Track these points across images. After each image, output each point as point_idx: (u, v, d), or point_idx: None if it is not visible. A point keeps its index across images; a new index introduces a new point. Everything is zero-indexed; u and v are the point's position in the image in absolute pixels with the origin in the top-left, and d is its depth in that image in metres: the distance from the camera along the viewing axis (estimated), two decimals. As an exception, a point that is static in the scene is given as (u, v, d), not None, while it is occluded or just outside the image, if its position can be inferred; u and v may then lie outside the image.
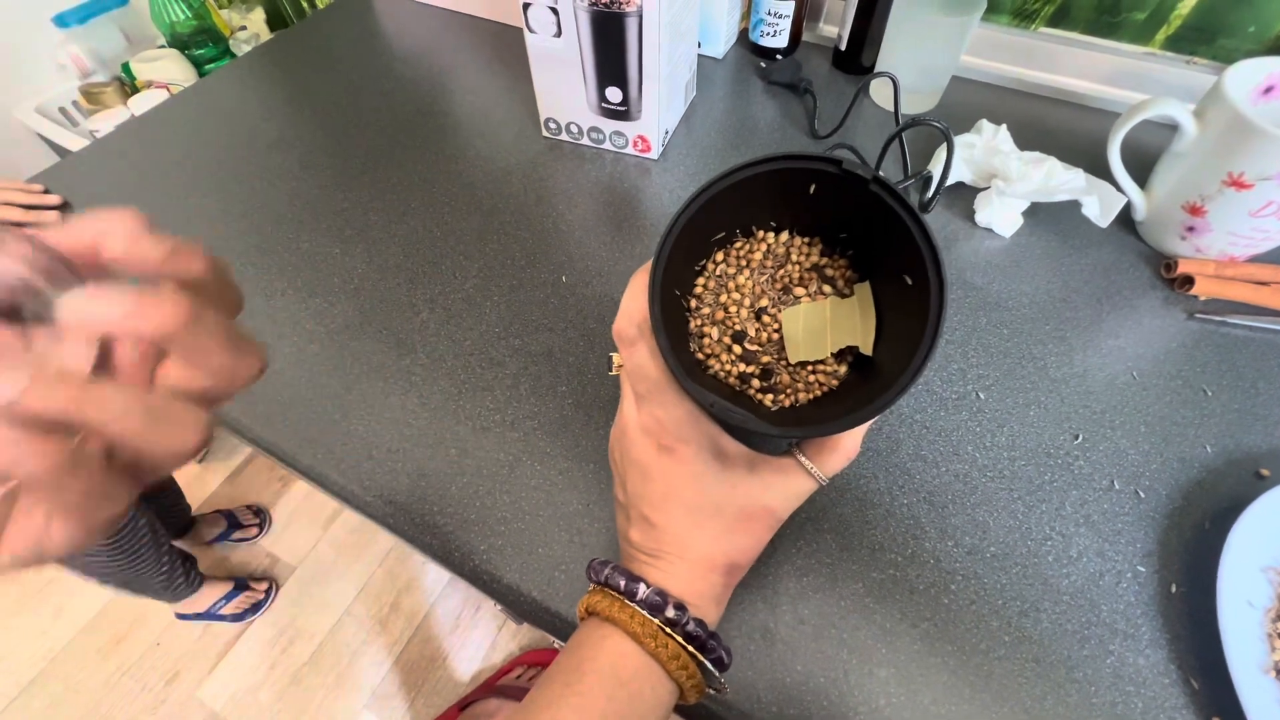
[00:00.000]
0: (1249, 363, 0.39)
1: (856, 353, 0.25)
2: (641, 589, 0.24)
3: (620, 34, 0.45)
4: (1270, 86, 0.41)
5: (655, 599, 0.24)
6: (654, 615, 0.23)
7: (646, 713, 0.23)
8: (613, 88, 0.49)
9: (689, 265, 0.27)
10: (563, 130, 0.55)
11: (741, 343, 0.26)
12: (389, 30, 0.71)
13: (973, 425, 0.37)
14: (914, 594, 0.31)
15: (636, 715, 0.23)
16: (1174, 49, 0.53)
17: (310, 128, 0.59)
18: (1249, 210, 0.39)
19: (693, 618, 0.24)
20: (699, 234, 0.25)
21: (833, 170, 0.22)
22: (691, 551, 0.25)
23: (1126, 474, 0.35)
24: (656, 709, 0.24)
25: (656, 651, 0.23)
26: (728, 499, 0.25)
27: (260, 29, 1.11)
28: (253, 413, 0.39)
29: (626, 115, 0.51)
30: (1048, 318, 0.42)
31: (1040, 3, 0.55)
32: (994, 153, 0.46)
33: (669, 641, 0.23)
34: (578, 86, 0.50)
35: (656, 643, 0.23)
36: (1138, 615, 0.30)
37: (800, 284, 0.27)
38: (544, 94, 0.53)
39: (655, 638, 0.23)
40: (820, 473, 0.25)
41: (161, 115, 0.61)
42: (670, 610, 0.23)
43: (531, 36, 0.48)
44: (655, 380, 0.24)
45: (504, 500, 0.35)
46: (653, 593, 0.24)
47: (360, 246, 0.48)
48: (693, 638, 0.23)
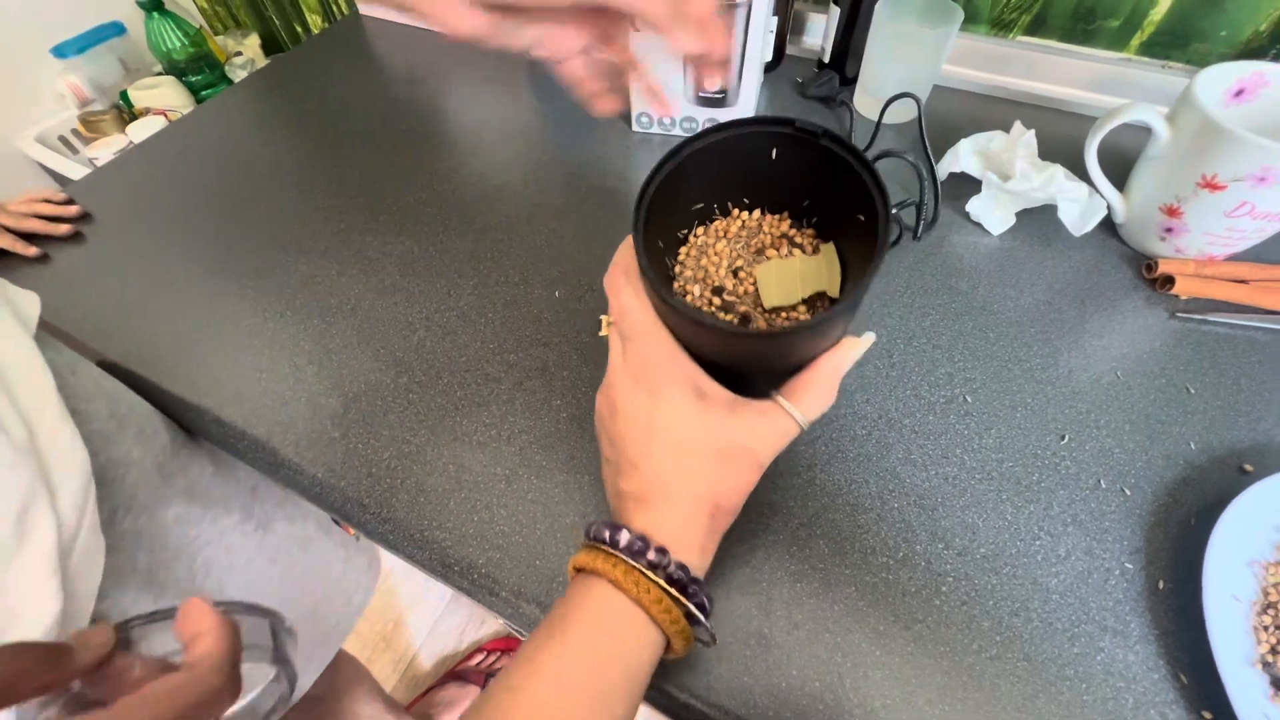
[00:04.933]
0: (1230, 360, 0.40)
1: (826, 300, 0.27)
2: (624, 535, 0.24)
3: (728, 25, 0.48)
4: (1241, 90, 0.42)
5: (637, 544, 0.24)
6: (636, 560, 0.24)
7: (631, 660, 0.23)
8: None
9: (672, 234, 0.29)
10: (655, 123, 0.58)
11: (720, 295, 0.28)
12: (381, 53, 0.72)
13: (961, 428, 0.38)
14: (906, 596, 0.32)
15: (620, 662, 0.23)
16: (1149, 54, 0.54)
17: (306, 151, 0.60)
18: (1224, 211, 0.39)
19: (675, 561, 0.24)
20: (680, 198, 0.28)
21: (788, 130, 0.25)
22: (675, 490, 0.25)
23: (1113, 473, 0.36)
24: (642, 656, 0.24)
25: (639, 597, 0.23)
26: (709, 439, 0.25)
27: (256, 54, 1.13)
28: (251, 434, 0.40)
29: (723, 103, 0.55)
30: (1033, 320, 0.43)
31: (1017, 12, 0.57)
32: (1009, 149, 0.47)
33: (651, 586, 0.23)
34: (673, 80, 0.54)
35: (639, 588, 0.23)
36: (1126, 612, 0.31)
37: (772, 247, 0.29)
38: (639, 91, 0.55)
39: (638, 583, 0.23)
40: (800, 414, 0.26)
41: (160, 142, 0.62)
42: (652, 554, 0.24)
43: (635, 34, 0.50)
44: (639, 320, 0.25)
45: (501, 514, 0.36)
46: (635, 538, 0.24)
47: (356, 268, 0.49)
48: (674, 581, 0.24)
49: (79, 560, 0.29)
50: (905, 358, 0.41)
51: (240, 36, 1.12)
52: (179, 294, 0.48)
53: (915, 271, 0.46)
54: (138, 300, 0.48)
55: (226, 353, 0.44)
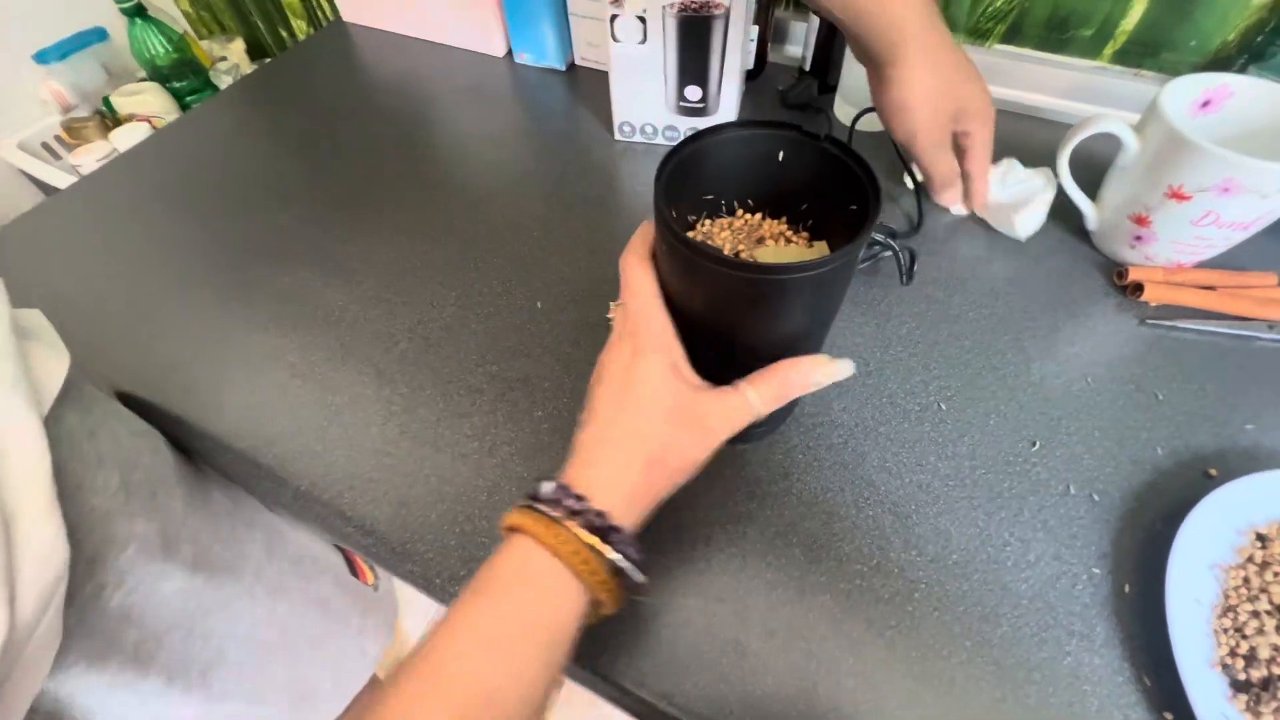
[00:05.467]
0: (1197, 365, 0.41)
1: None
2: (546, 487, 0.24)
3: (706, 35, 0.49)
4: (1208, 100, 0.43)
5: (557, 494, 0.24)
6: (553, 510, 0.24)
7: (551, 613, 0.23)
8: (693, 86, 0.53)
9: (683, 218, 0.32)
10: (636, 132, 0.59)
11: None
12: (367, 61, 0.72)
13: (935, 435, 0.38)
14: (880, 603, 0.33)
15: (540, 614, 0.23)
16: (1122, 63, 0.55)
17: (290, 161, 0.60)
18: (1190, 220, 0.40)
19: (594, 509, 0.24)
20: (693, 181, 0.30)
21: (793, 134, 0.29)
22: (616, 440, 0.26)
23: (1082, 478, 0.36)
24: (563, 609, 0.23)
25: (556, 547, 0.23)
26: (669, 401, 0.26)
27: (241, 60, 1.12)
28: (236, 448, 0.40)
29: (704, 111, 0.55)
30: (1006, 328, 0.44)
31: (993, 21, 0.58)
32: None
33: (568, 536, 0.23)
34: (654, 89, 0.54)
35: (556, 539, 0.23)
36: (1093, 616, 0.32)
37: (770, 239, 0.32)
38: (620, 100, 0.56)
39: (555, 534, 0.23)
40: (756, 398, 0.27)
41: (144, 151, 0.62)
42: (570, 500, 0.24)
43: (616, 46, 0.51)
44: (645, 294, 0.28)
45: (483, 525, 0.36)
46: (555, 488, 0.24)
47: (339, 279, 0.49)
48: (596, 531, 0.23)
49: (31, 655, 0.27)
50: (882, 365, 0.42)
51: (225, 42, 1.12)
52: (159, 307, 0.48)
53: (891, 279, 0.47)
54: (117, 314, 0.48)
55: (210, 367, 0.44)
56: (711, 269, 0.24)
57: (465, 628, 0.23)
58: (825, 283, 0.26)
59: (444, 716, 0.21)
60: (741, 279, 0.25)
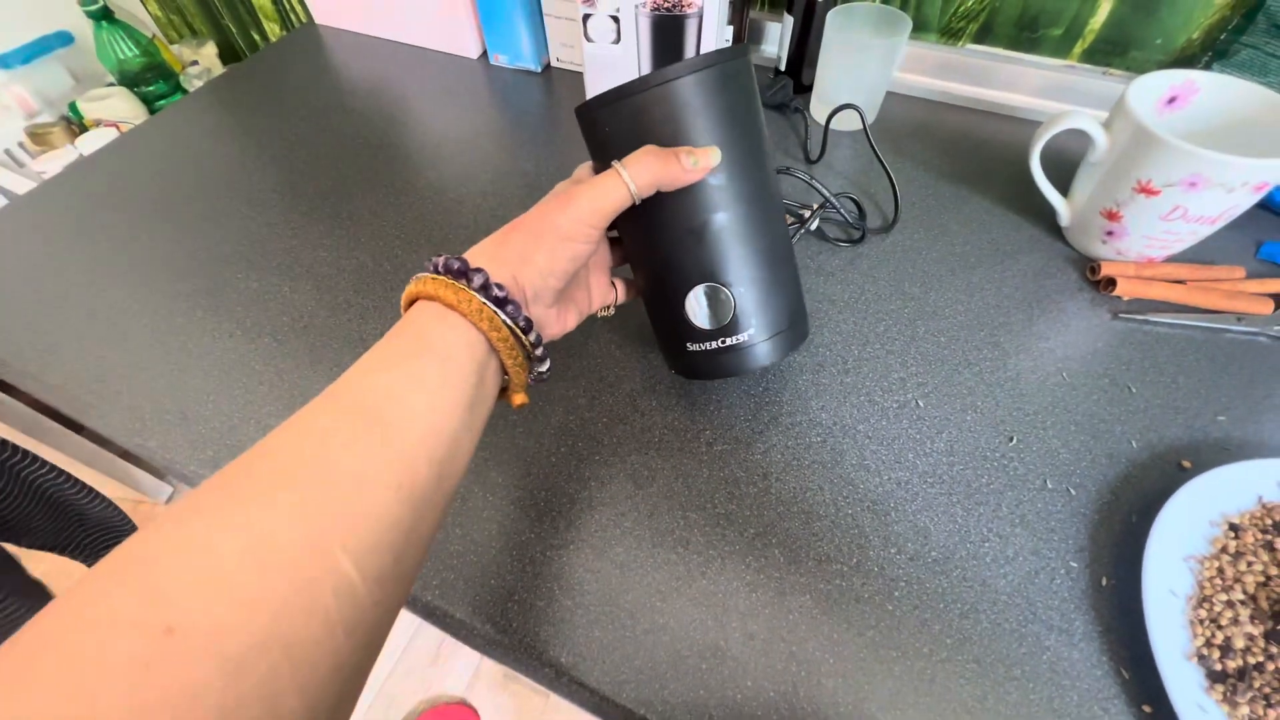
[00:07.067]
0: (1169, 358, 0.41)
1: None
2: (437, 259, 0.26)
3: (679, 35, 0.49)
4: (1174, 97, 0.43)
5: (451, 262, 0.26)
6: (446, 274, 0.25)
7: (447, 358, 0.24)
8: None
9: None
10: None
11: None
12: (339, 63, 0.71)
13: (913, 432, 0.38)
14: (860, 602, 0.32)
15: (452, 371, 0.24)
16: (1091, 61, 0.56)
17: (259, 164, 0.59)
18: (1159, 215, 0.41)
19: (486, 275, 0.25)
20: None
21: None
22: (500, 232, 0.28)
23: (1059, 473, 0.36)
24: (459, 357, 0.24)
25: (443, 294, 0.24)
26: (554, 192, 0.30)
27: (213, 63, 1.10)
28: (200, 457, 0.39)
29: None
30: (982, 324, 0.44)
31: (965, 21, 0.58)
32: None
33: (459, 289, 0.25)
34: None
35: (453, 292, 0.25)
36: (1071, 610, 0.32)
37: None
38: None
39: (448, 286, 0.25)
40: (627, 173, 0.27)
41: (109, 156, 0.61)
42: (455, 263, 0.25)
43: (590, 46, 0.50)
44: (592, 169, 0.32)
45: (455, 534, 0.35)
46: (448, 257, 0.26)
47: (309, 283, 0.48)
48: (483, 288, 0.25)
49: None
50: (860, 363, 0.42)
51: (196, 45, 1.10)
52: (122, 314, 0.46)
53: (869, 278, 0.47)
54: (78, 323, 0.46)
55: (173, 375, 0.43)
56: (620, 102, 0.28)
57: (359, 372, 0.23)
58: (717, 86, 0.28)
59: (332, 419, 0.22)
60: (646, 96, 0.28)
